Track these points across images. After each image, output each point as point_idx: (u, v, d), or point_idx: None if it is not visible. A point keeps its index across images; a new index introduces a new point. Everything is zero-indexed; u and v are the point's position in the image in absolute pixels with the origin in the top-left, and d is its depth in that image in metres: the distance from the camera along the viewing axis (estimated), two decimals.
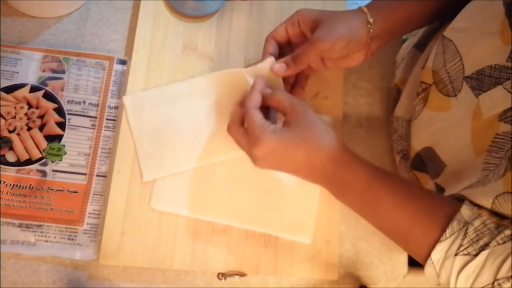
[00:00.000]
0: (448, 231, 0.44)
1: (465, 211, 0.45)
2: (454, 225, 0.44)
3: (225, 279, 0.61)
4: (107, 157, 0.63)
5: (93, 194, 0.61)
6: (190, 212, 0.62)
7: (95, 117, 0.64)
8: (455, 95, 0.53)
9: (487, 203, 0.45)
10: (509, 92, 0.46)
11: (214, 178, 0.63)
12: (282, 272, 0.63)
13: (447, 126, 0.55)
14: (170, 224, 0.62)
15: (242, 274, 0.62)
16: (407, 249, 0.50)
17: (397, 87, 0.68)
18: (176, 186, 0.62)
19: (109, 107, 0.64)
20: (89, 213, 0.61)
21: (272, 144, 0.51)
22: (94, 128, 0.63)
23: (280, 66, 0.58)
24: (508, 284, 0.40)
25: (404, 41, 0.74)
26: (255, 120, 0.53)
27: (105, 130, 0.63)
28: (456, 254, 0.43)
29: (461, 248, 0.43)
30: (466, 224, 0.44)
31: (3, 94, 0.62)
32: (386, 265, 0.66)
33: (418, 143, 0.61)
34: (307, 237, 0.63)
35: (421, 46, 0.66)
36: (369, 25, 0.56)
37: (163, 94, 0.65)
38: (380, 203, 0.50)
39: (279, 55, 0.61)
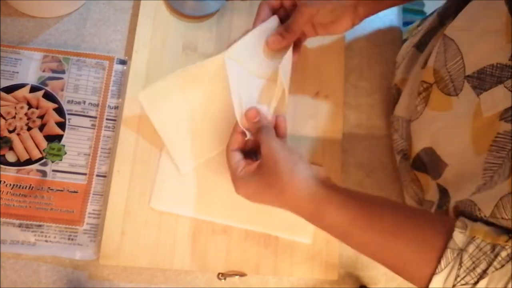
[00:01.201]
0: (442, 262, 0.42)
1: (458, 235, 0.43)
2: (448, 255, 0.42)
3: (225, 279, 0.61)
4: (107, 157, 0.63)
5: (93, 194, 0.61)
6: (190, 212, 0.62)
7: (95, 117, 0.64)
8: (457, 94, 0.52)
9: (491, 206, 0.44)
10: (510, 91, 0.45)
11: (214, 178, 0.63)
12: (282, 272, 0.63)
13: (448, 126, 0.55)
14: (170, 224, 0.62)
15: (242, 274, 0.62)
16: (406, 279, 0.49)
17: (397, 87, 0.68)
18: (176, 186, 0.62)
19: (109, 107, 0.64)
20: (89, 213, 0.61)
21: (242, 190, 0.55)
22: (94, 128, 0.63)
23: (275, 39, 0.60)
24: None
25: (404, 41, 0.74)
26: (230, 164, 0.56)
27: (105, 130, 0.63)
28: (454, 286, 0.42)
29: (458, 279, 0.41)
30: (460, 251, 0.42)
31: (3, 94, 0.62)
32: None
33: (419, 143, 0.60)
34: (307, 237, 0.63)
35: (421, 46, 0.66)
36: None
37: (177, 81, 0.62)
38: (365, 247, 0.49)
39: None
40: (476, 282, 0.41)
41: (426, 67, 0.59)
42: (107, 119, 0.64)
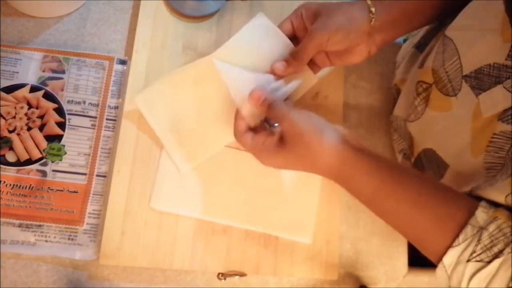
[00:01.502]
0: (461, 237, 0.43)
1: (481, 214, 0.43)
2: (468, 231, 0.43)
3: (225, 279, 0.61)
4: (107, 157, 0.63)
5: (93, 194, 0.61)
6: (190, 212, 0.62)
7: (95, 117, 0.64)
8: (455, 95, 0.52)
9: (499, 199, 0.44)
10: (509, 91, 0.45)
11: (214, 178, 0.63)
12: (282, 272, 0.63)
13: (448, 126, 0.55)
14: (170, 224, 0.62)
15: (242, 274, 0.62)
16: (420, 249, 0.49)
17: (397, 87, 0.68)
18: (176, 186, 0.62)
19: (109, 107, 0.64)
20: (89, 213, 0.61)
21: (269, 162, 0.53)
22: (94, 128, 0.63)
23: (280, 65, 0.56)
24: None
25: (404, 41, 0.74)
26: (247, 146, 0.54)
27: (105, 130, 0.63)
28: (468, 260, 0.42)
29: (474, 255, 0.42)
30: (481, 229, 0.42)
31: (3, 94, 0.62)
32: (386, 265, 0.66)
33: (420, 144, 0.60)
34: (307, 237, 0.63)
35: (421, 46, 0.66)
36: (371, 15, 0.54)
37: (172, 82, 0.63)
38: (388, 213, 0.49)
39: None
40: (490, 261, 0.41)
41: (423, 67, 0.58)
42: (107, 119, 0.64)
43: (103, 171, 0.62)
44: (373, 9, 0.54)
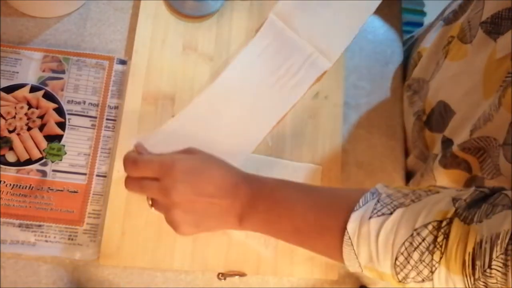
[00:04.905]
0: (361, 201, 0.43)
1: (380, 185, 0.44)
2: (368, 195, 0.43)
3: (225, 279, 0.61)
4: (107, 157, 0.63)
5: (93, 194, 0.61)
6: None
7: (95, 117, 0.64)
8: (471, 41, 0.53)
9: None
10: None
11: None
12: (282, 272, 0.63)
13: (460, 73, 0.55)
14: None
15: (242, 274, 0.62)
16: (322, 246, 0.48)
17: (420, 54, 0.69)
18: None
19: (109, 107, 0.64)
20: (89, 213, 0.61)
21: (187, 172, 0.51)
22: (94, 128, 0.63)
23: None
24: (426, 231, 0.38)
25: (405, 41, 0.74)
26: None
27: (105, 130, 0.63)
28: (370, 217, 0.41)
29: (375, 211, 0.41)
30: (379, 194, 0.43)
31: (3, 94, 0.62)
32: None
33: (434, 99, 0.60)
34: None
35: (450, 22, 0.65)
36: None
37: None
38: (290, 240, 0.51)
39: None
40: (392, 212, 0.41)
41: (454, 24, 0.59)
42: (107, 119, 0.64)
43: (103, 171, 0.62)
44: None
